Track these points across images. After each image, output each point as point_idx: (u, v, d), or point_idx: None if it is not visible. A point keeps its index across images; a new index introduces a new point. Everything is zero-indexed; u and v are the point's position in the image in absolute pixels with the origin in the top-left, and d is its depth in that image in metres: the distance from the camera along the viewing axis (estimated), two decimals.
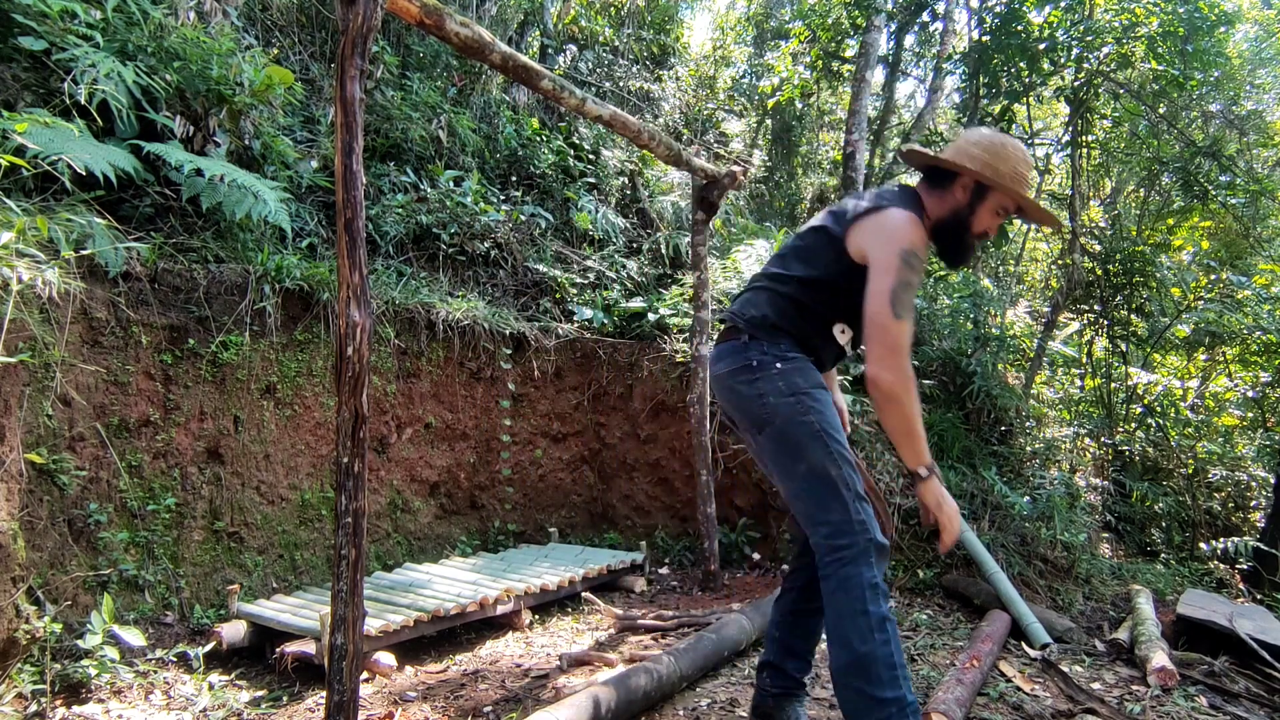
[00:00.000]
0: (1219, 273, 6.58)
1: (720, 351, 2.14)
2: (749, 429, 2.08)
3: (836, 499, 1.95)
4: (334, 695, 2.10)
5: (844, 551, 1.92)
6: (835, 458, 1.96)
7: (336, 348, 2.15)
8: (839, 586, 1.91)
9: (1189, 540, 6.05)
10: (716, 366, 2.14)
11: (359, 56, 2.19)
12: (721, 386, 2.14)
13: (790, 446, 1.99)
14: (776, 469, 2.05)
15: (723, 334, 2.19)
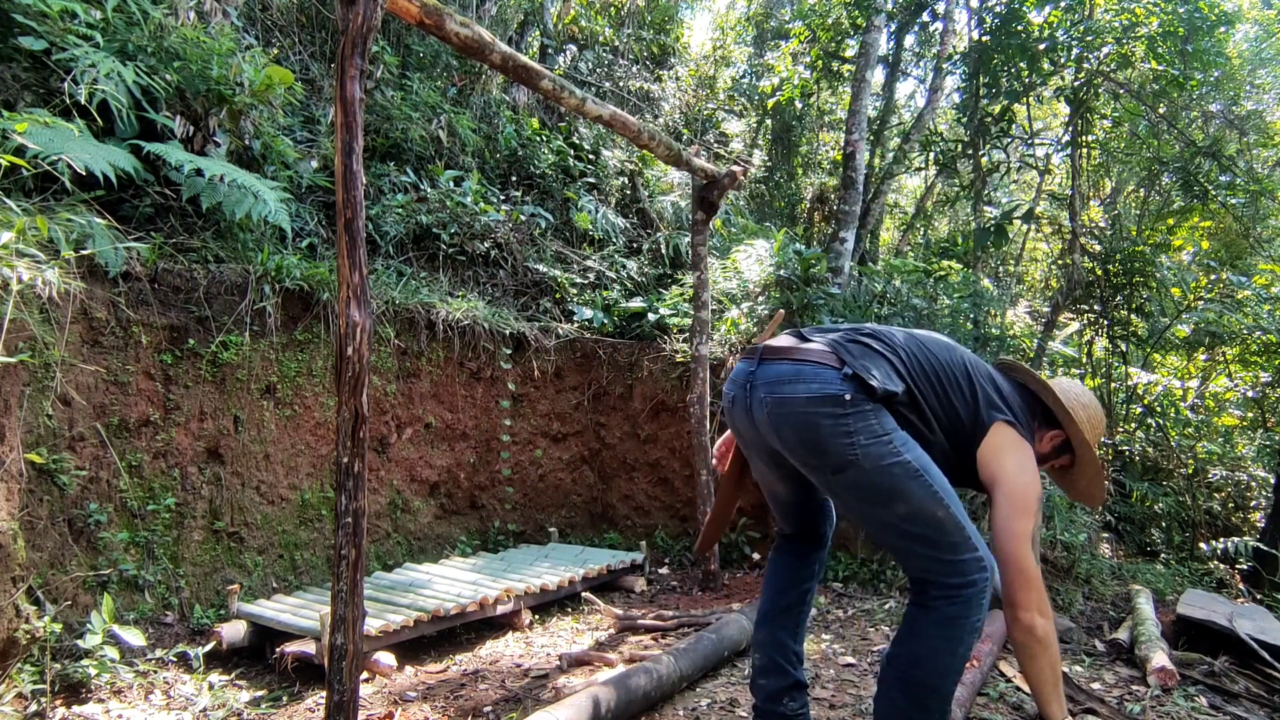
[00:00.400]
0: (1219, 273, 6.58)
1: (802, 371, 1.84)
2: (818, 466, 1.85)
3: (948, 537, 1.83)
4: (334, 695, 2.10)
5: (965, 591, 1.82)
6: (940, 495, 1.83)
7: (336, 348, 2.15)
8: (941, 621, 1.81)
9: (1189, 540, 6.05)
10: (793, 387, 1.83)
11: (359, 56, 2.19)
12: (792, 411, 1.83)
13: (883, 491, 1.82)
14: (862, 511, 1.89)
15: (807, 352, 1.89)
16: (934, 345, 2.01)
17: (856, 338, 1.94)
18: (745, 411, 1.96)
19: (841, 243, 6.54)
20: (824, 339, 1.94)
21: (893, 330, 2.02)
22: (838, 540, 4.79)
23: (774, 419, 1.86)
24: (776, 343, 1.98)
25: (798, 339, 1.99)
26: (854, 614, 4.03)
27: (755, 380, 1.92)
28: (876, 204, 8.73)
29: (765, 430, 1.91)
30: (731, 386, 2.03)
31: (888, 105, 9.35)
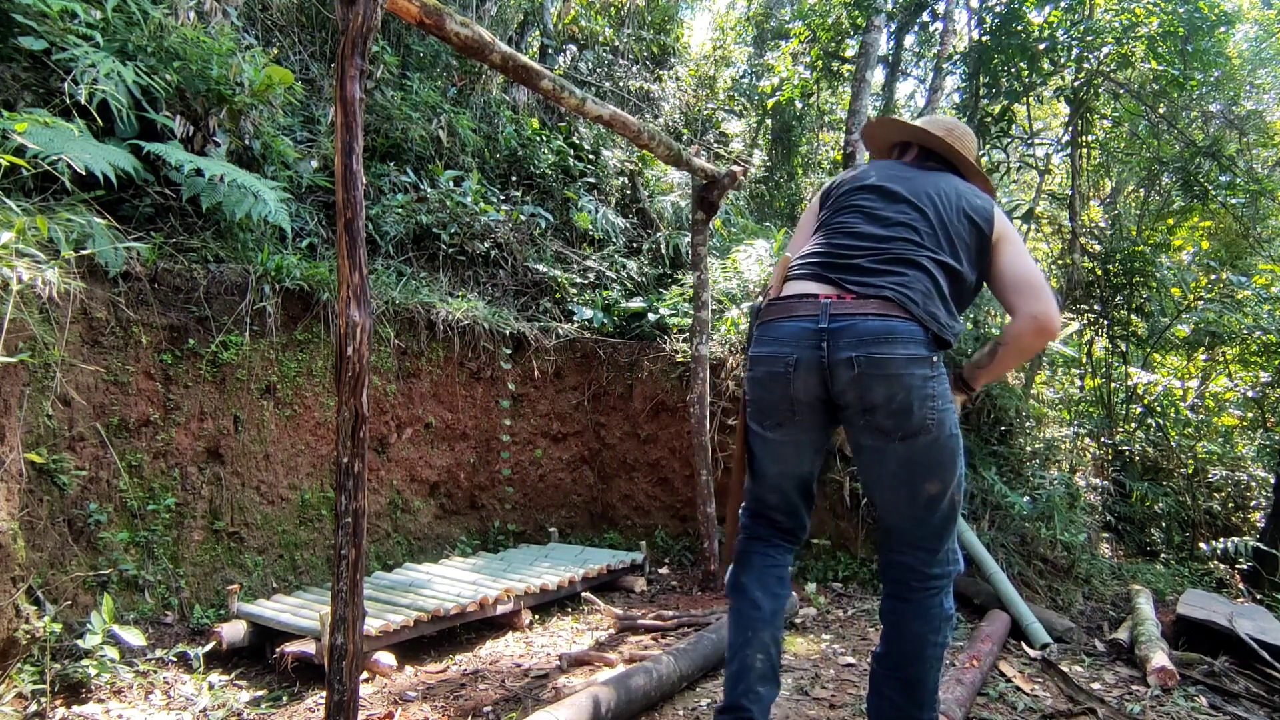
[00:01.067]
0: (1219, 273, 6.58)
1: (895, 329, 1.78)
2: (893, 429, 1.81)
3: (951, 525, 1.91)
4: (334, 695, 2.10)
5: (941, 581, 1.92)
6: (963, 482, 1.92)
7: (336, 348, 2.15)
8: (922, 613, 1.89)
9: (1189, 540, 6.05)
10: (890, 347, 1.77)
11: (359, 56, 2.19)
12: (890, 373, 1.77)
13: (944, 460, 1.84)
14: (910, 480, 1.85)
15: (888, 305, 1.81)
16: (942, 206, 1.97)
17: (901, 253, 1.88)
18: (816, 372, 1.82)
19: None
20: (879, 282, 1.84)
21: (895, 220, 1.95)
22: (838, 540, 4.79)
23: (866, 379, 1.78)
24: (843, 295, 1.84)
25: (839, 288, 1.87)
26: (854, 614, 4.03)
27: (836, 338, 1.79)
28: None
29: (845, 389, 1.81)
30: (789, 347, 1.85)
31: (888, 105, 9.34)
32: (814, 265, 1.95)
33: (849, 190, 2.08)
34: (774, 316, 1.94)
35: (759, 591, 2.03)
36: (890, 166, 2.12)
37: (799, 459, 2.01)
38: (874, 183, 2.05)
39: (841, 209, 2.06)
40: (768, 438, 1.99)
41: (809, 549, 4.85)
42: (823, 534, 4.84)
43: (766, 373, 1.91)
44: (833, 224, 2.03)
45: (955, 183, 2.05)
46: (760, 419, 1.99)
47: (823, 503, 4.87)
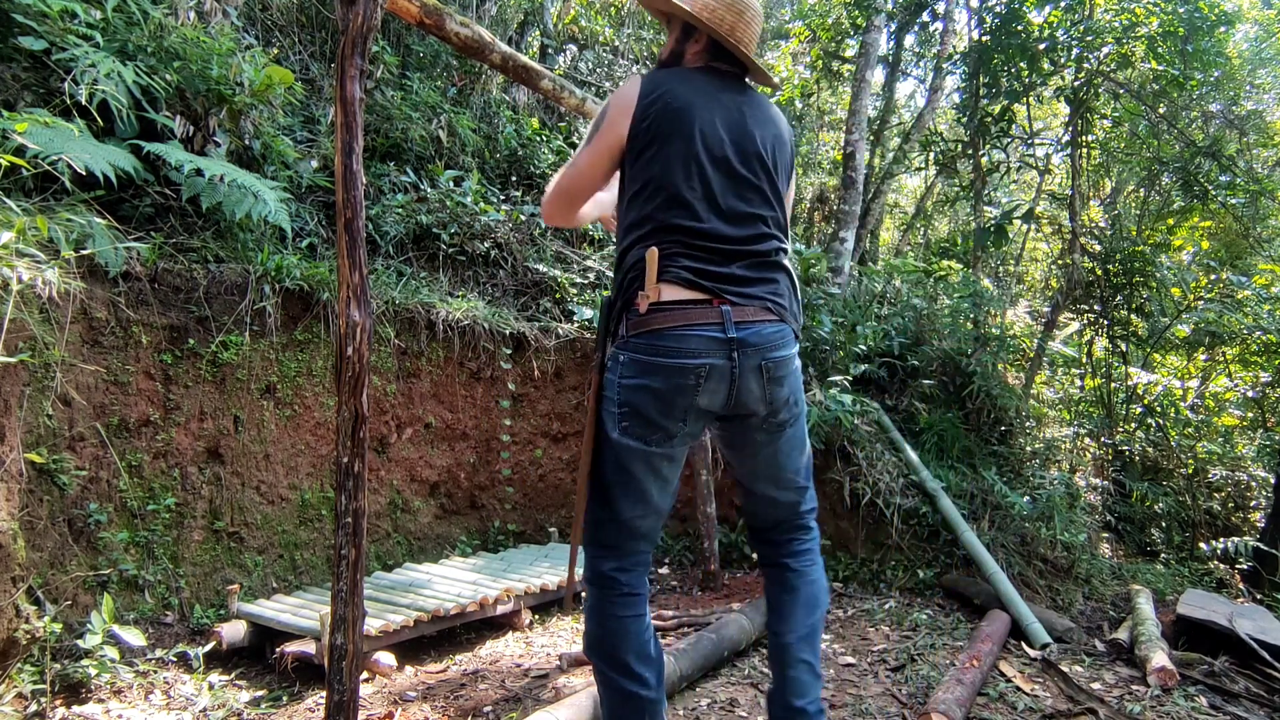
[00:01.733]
0: (1219, 273, 6.58)
1: (785, 332, 1.85)
2: (787, 419, 1.89)
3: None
4: (334, 695, 2.10)
5: (817, 531, 2.13)
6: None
7: (336, 348, 2.15)
8: (818, 560, 2.08)
9: (1189, 540, 6.05)
10: (786, 349, 1.84)
11: (359, 56, 2.19)
12: (789, 372, 1.86)
13: (806, 435, 2.03)
14: (792, 459, 1.96)
15: (776, 308, 1.84)
16: (766, 164, 1.89)
17: (771, 255, 1.85)
18: (726, 381, 1.76)
19: (841, 243, 6.54)
20: (759, 292, 1.81)
21: (748, 215, 1.84)
22: (838, 540, 4.79)
23: (774, 382, 1.82)
24: (742, 302, 1.79)
25: (723, 299, 1.78)
26: (854, 614, 4.03)
27: (745, 346, 1.76)
28: (876, 204, 8.73)
29: (751, 396, 1.80)
30: (701, 357, 1.74)
31: (888, 105, 9.35)
32: (690, 271, 1.77)
33: (674, 144, 1.80)
34: (672, 324, 1.75)
35: (644, 667, 1.81)
36: (705, 96, 1.86)
37: (675, 478, 1.91)
38: (703, 141, 1.81)
39: (676, 177, 1.79)
40: (654, 455, 1.81)
41: None
42: (822, 534, 4.82)
43: (671, 384, 1.75)
44: (677, 206, 1.79)
45: (774, 119, 1.96)
46: (647, 434, 1.79)
47: (823, 503, 4.87)
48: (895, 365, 5.48)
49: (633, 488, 1.82)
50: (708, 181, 1.79)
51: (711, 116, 1.84)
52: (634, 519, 1.84)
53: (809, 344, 5.11)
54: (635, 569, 1.87)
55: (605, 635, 1.82)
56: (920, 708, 2.63)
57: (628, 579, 1.85)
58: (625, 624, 1.81)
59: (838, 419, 4.61)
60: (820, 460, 4.85)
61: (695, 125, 1.81)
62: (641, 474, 1.81)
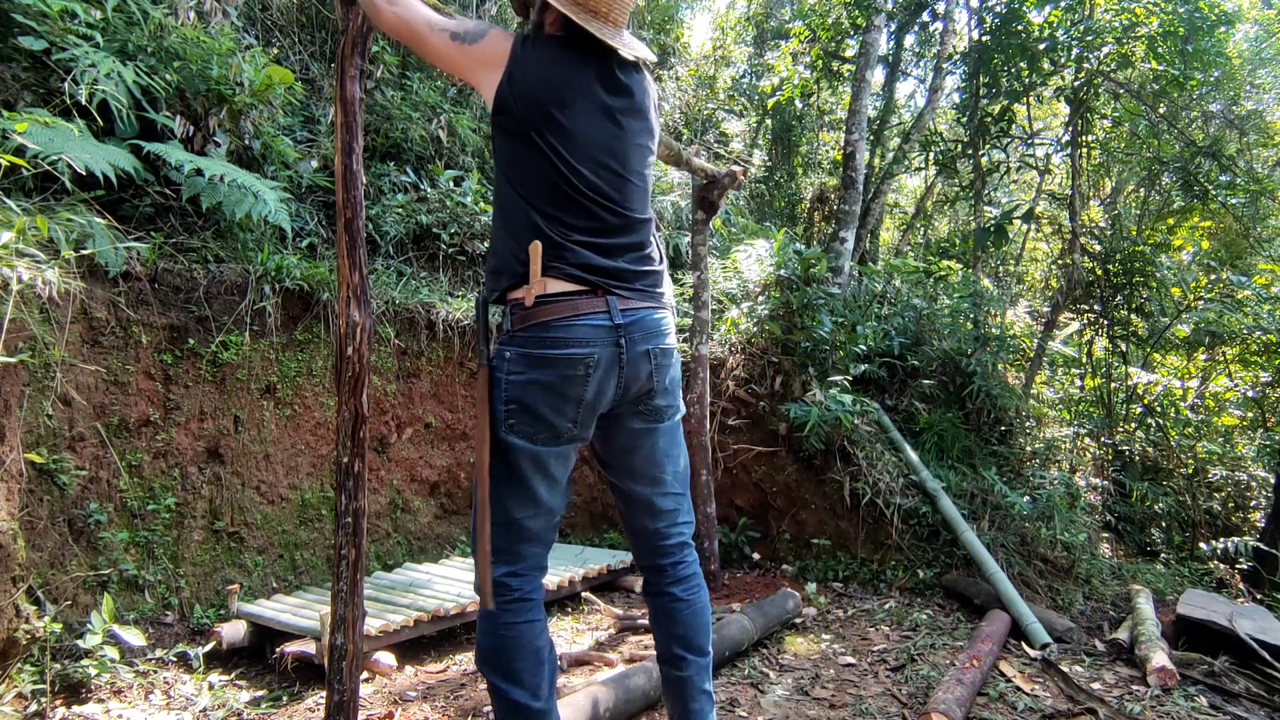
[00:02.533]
0: (1219, 273, 6.58)
1: (665, 323, 1.88)
2: (663, 409, 1.89)
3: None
4: (334, 695, 2.10)
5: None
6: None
7: (336, 348, 2.16)
8: (702, 583, 2.02)
9: (1189, 540, 6.05)
10: (669, 336, 1.88)
11: (359, 56, 2.19)
12: (666, 362, 1.87)
13: (681, 436, 2.01)
14: (673, 456, 1.96)
15: (656, 295, 1.88)
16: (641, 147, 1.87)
17: (641, 242, 1.85)
18: (615, 371, 1.76)
19: (841, 243, 6.54)
20: (642, 285, 1.83)
21: (628, 212, 1.82)
22: (838, 540, 4.79)
23: (660, 369, 1.84)
24: (627, 294, 1.79)
25: (609, 292, 1.77)
26: (854, 614, 4.03)
27: (631, 332, 1.76)
28: (876, 204, 8.73)
29: (639, 384, 1.81)
30: (589, 347, 1.72)
31: (888, 105, 9.35)
32: (576, 265, 1.74)
33: (546, 137, 1.74)
34: (559, 315, 1.72)
35: (535, 676, 1.76)
36: (570, 79, 1.78)
37: (565, 478, 1.87)
38: (575, 131, 1.76)
39: (553, 171, 1.74)
40: (541, 454, 1.77)
41: (809, 549, 4.85)
42: (823, 534, 4.84)
43: (560, 375, 1.71)
44: (556, 201, 1.75)
45: (635, 87, 1.86)
46: (534, 432, 1.74)
47: (823, 503, 4.88)
48: (895, 365, 5.48)
49: (520, 488, 1.77)
50: (583, 175, 1.75)
51: (580, 102, 1.77)
52: (524, 520, 1.78)
53: (809, 344, 5.11)
54: (528, 574, 1.81)
55: (497, 644, 1.75)
56: (920, 708, 2.63)
57: (519, 584, 1.78)
58: (519, 631, 1.75)
59: (838, 419, 4.61)
60: (820, 460, 4.85)
61: (565, 115, 1.75)
62: (530, 473, 1.77)
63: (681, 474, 1.98)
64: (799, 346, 5.13)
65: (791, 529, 5.00)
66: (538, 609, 1.81)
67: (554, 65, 1.77)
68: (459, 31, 1.79)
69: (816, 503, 4.90)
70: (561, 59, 1.78)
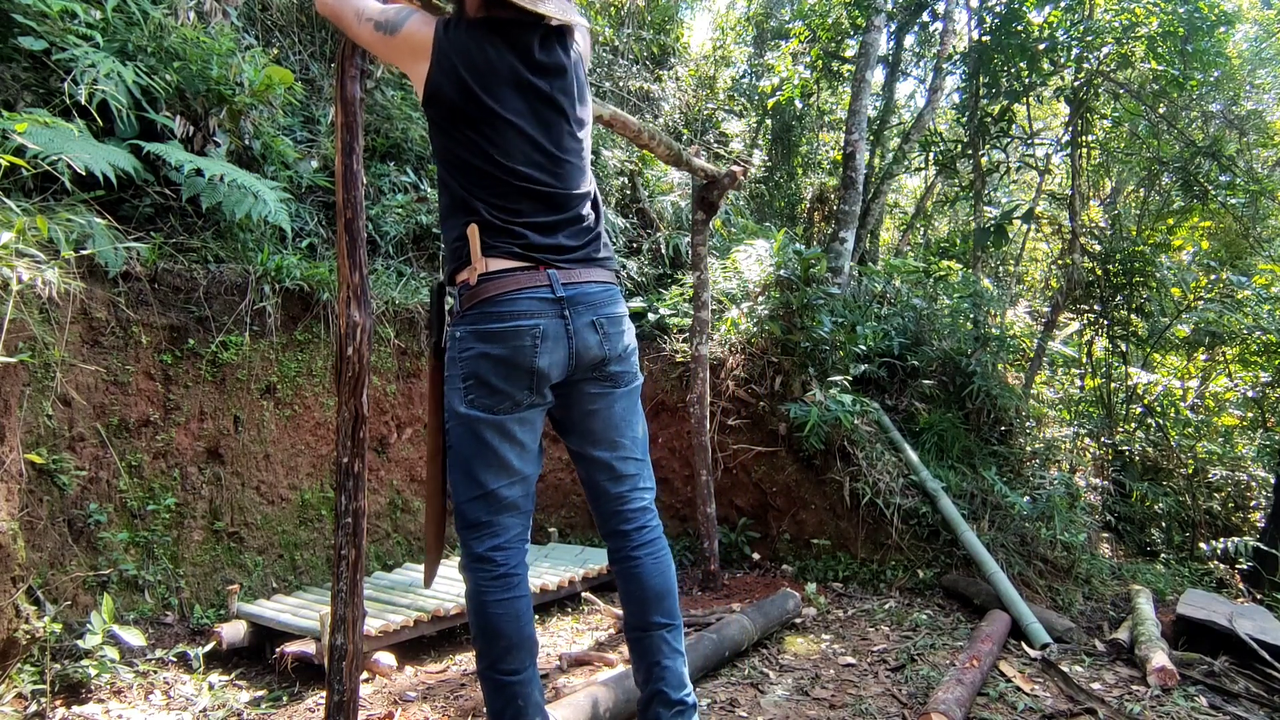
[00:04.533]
0: (1219, 273, 6.58)
1: (613, 292, 1.92)
2: (619, 377, 1.93)
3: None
4: (334, 695, 2.10)
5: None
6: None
7: (336, 348, 2.16)
8: (666, 548, 2.02)
9: (1189, 540, 6.06)
10: (614, 306, 1.91)
11: (359, 56, 2.19)
12: (616, 330, 1.90)
13: (639, 404, 2.03)
14: (631, 421, 1.98)
15: (599, 265, 1.90)
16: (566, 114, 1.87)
17: (581, 209, 1.88)
18: (564, 342, 1.80)
19: (841, 243, 6.54)
20: (583, 254, 1.87)
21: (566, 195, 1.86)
22: (838, 540, 4.79)
23: (610, 337, 1.88)
24: (568, 266, 1.83)
25: (537, 261, 1.80)
26: (854, 614, 4.03)
27: (575, 304, 1.81)
28: (876, 204, 8.73)
29: (593, 349, 1.85)
30: (533, 318, 1.76)
31: (888, 105, 9.35)
32: (516, 244, 1.79)
33: (480, 124, 1.78)
34: (502, 290, 1.77)
35: (523, 652, 1.81)
36: (496, 60, 1.78)
37: (534, 443, 1.90)
38: (508, 114, 1.78)
39: (490, 155, 1.78)
40: (506, 421, 1.80)
41: (809, 549, 4.85)
42: (823, 534, 4.84)
43: (509, 347, 1.76)
44: (494, 183, 1.79)
45: (561, 61, 1.86)
46: (494, 403, 1.79)
47: (823, 503, 4.87)
48: (895, 365, 5.48)
49: (491, 458, 1.81)
50: (516, 166, 1.79)
51: (505, 89, 1.78)
52: (500, 489, 1.82)
53: (809, 344, 5.11)
54: (511, 546, 1.84)
55: (488, 622, 1.79)
56: (920, 708, 2.63)
57: (505, 558, 1.82)
58: (507, 607, 1.79)
59: (838, 419, 4.61)
60: (820, 460, 4.85)
61: (492, 102, 1.77)
62: (497, 442, 1.81)
63: (640, 440, 2.02)
64: (799, 346, 5.13)
65: (791, 529, 5.00)
66: (523, 584, 1.84)
67: (477, 51, 1.78)
68: (381, 21, 1.82)
69: (816, 503, 4.90)
70: (484, 43, 1.79)
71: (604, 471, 1.97)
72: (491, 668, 1.79)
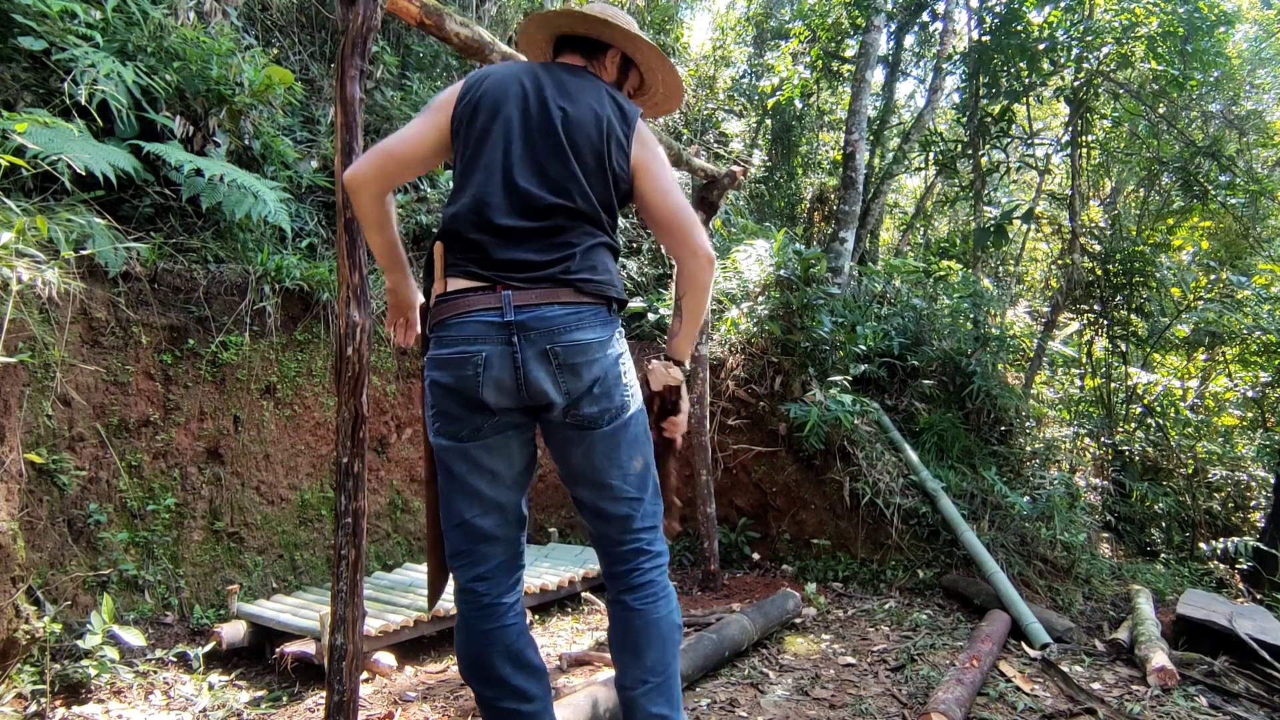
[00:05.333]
0: (1219, 273, 6.59)
1: (582, 315, 1.69)
2: (591, 423, 1.72)
3: (661, 501, 1.88)
4: (334, 695, 2.10)
5: (664, 559, 1.84)
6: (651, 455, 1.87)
7: (336, 348, 2.16)
8: (664, 592, 1.79)
9: (1189, 540, 6.06)
10: (580, 332, 1.68)
11: (359, 56, 2.19)
12: (577, 361, 1.67)
13: (639, 438, 1.80)
14: (618, 460, 1.76)
15: (569, 289, 1.69)
16: (565, 130, 1.74)
17: (562, 225, 1.71)
18: (510, 370, 1.65)
19: (841, 243, 6.54)
20: (550, 273, 1.68)
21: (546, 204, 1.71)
22: (838, 540, 4.79)
23: (567, 370, 1.67)
24: (526, 286, 1.66)
25: (492, 279, 1.67)
26: (854, 614, 4.03)
27: (526, 330, 1.64)
28: (876, 204, 8.73)
29: (546, 386, 1.66)
30: (476, 345, 1.65)
31: (888, 105, 9.35)
32: (474, 262, 1.70)
33: (486, 129, 1.76)
34: (449, 314, 1.69)
35: (522, 678, 1.74)
36: (513, 85, 1.79)
37: (507, 470, 1.76)
38: (514, 123, 1.75)
39: (474, 174, 1.74)
40: (470, 449, 1.72)
41: (809, 549, 4.85)
42: (823, 534, 4.84)
43: (454, 376, 1.67)
44: (470, 201, 1.72)
45: (602, 99, 1.80)
46: (456, 430, 1.71)
47: (823, 503, 4.88)
48: (895, 365, 5.47)
49: (460, 486, 1.73)
50: (503, 172, 1.72)
51: (515, 105, 1.76)
52: (473, 519, 1.73)
53: (809, 344, 5.11)
54: (493, 577, 1.76)
55: (475, 652, 1.73)
56: (920, 708, 2.63)
57: (486, 589, 1.74)
58: (492, 637, 1.72)
59: (838, 419, 4.61)
60: (820, 460, 4.85)
61: (497, 119, 1.74)
62: (464, 471, 1.72)
63: (636, 475, 1.79)
64: (799, 346, 5.13)
65: (791, 529, 5.00)
66: (512, 612, 1.76)
67: (499, 77, 1.81)
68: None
69: (816, 503, 4.90)
70: (515, 70, 1.82)
71: (590, 512, 1.82)
72: (492, 689, 1.73)
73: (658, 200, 1.80)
